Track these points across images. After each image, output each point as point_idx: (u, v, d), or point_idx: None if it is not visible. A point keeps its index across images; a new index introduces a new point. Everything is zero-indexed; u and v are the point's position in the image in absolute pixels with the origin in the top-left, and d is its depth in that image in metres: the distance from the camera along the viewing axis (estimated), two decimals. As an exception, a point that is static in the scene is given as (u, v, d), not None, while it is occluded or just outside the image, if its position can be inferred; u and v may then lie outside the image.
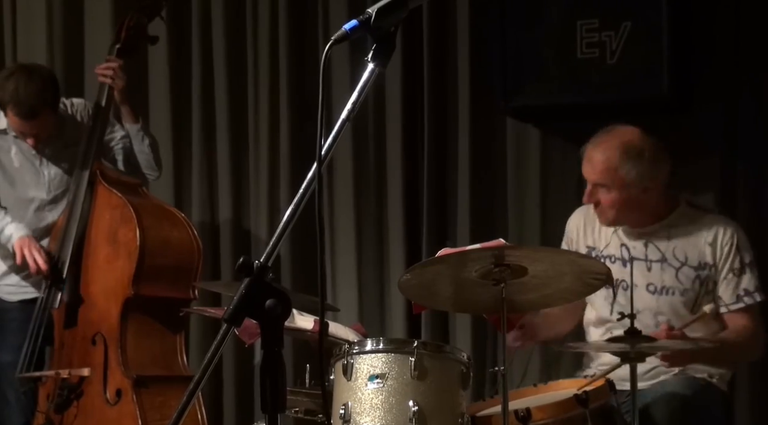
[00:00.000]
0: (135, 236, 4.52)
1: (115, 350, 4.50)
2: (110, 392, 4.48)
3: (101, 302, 4.58)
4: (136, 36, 4.87)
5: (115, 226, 4.60)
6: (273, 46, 5.37)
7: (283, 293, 2.01)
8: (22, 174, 4.79)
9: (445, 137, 5.12)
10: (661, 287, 3.92)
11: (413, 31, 5.09)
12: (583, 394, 3.48)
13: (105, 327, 4.54)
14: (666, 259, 3.93)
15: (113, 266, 4.57)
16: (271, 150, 5.36)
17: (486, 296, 3.49)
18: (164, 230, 4.64)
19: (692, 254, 3.91)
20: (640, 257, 3.95)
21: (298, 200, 2.05)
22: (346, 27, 2.05)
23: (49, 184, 4.79)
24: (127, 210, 4.57)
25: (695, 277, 3.90)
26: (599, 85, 4.59)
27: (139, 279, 4.50)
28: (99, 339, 4.54)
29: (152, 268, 4.53)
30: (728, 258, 3.89)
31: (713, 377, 3.92)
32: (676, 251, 3.93)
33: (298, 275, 5.24)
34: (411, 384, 3.34)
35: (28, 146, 4.77)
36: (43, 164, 4.78)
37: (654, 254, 3.94)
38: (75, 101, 4.91)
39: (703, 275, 3.90)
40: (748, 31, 4.66)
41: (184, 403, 2.07)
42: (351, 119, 2.07)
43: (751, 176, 4.66)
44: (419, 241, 5.10)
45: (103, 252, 4.62)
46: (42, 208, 4.80)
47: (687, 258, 3.91)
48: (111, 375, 4.49)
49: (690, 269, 3.91)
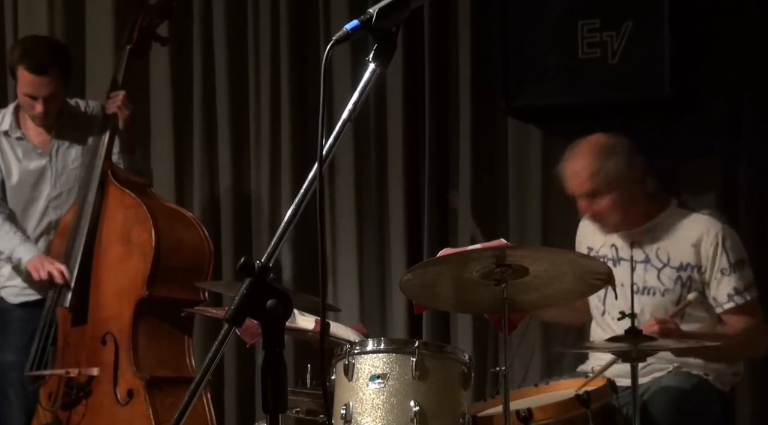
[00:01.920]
0: (150, 236, 4.51)
1: (126, 350, 4.49)
2: (121, 392, 4.47)
3: (112, 301, 4.57)
4: (148, 37, 4.87)
5: (128, 226, 4.59)
6: (274, 46, 5.37)
7: (284, 294, 2.01)
8: (26, 174, 4.79)
9: (446, 137, 5.12)
10: (644, 288, 3.93)
11: (414, 31, 5.09)
12: (584, 394, 3.48)
13: (116, 326, 4.53)
14: (649, 260, 3.95)
15: (126, 266, 4.56)
16: (273, 150, 5.36)
17: (487, 297, 3.49)
18: (177, 231, 4.64)
19: (675, 255, 3.92)
20: (626, 257, 3.96)
21: (299, 201, 2.05)
22: (348, 27, 2.05)
23: (56, 180, 4.79)
24: (141, 211, 4.56)
25: (677, 278, 3.91)
26: (600, 85, 4.59)
27: (153, 280, 4.49)
28: (109, 338, 4.53)
29: (166, 269, 4.53)
30: (715, 259, 3.89)
31: (708, 374, 3.92)
32: (659, 252, 3.94)
33: (300, 276, 5.24)
34: (412, 385, 3.34)
35: (33, 145, 4.77)
36: (53, 159, 4.78)
37: (638, 254, 3.95)
38: (91, 103, 4.93)
39: (684, 277, 3.90)
40: (750, 31, 4.66)
41: (186, 403, 2.07)
42: (352, 119, 2.07)
43: (752, 176, 4.66)
44: (420, 241, 5.10)
45: (116, 252, 4.61)
46: (48, 205, 4.79)
47: (669, 259, 3.92)
48: (122, 375, 4.48)
49: (671, 270, 3.92)
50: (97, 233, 4.65)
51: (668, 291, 3.91)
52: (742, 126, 4.65)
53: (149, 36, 4.88)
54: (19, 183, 4.79)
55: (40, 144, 4.80)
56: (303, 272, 5.25)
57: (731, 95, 4.66)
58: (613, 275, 3.56)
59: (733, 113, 4.66)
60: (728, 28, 4.67)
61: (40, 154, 4.79)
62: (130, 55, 4.82)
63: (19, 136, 4.78)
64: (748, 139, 4.64)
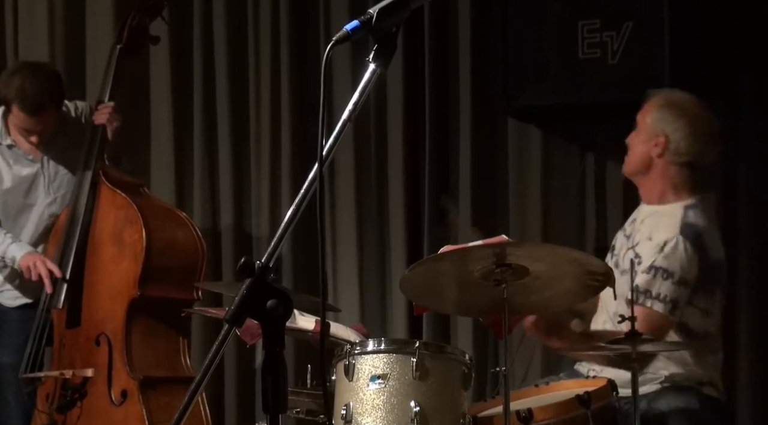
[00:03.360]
0: (141, 237, 4.51)
1: (120, 351, 4.49)
2: (115, 393, 4.48)
3: (106, 302, 4.58)
4: (138, 36, 4.85)
5: (120, 227, 4.60)
6: (274, 46, 5.37)
7: (284, 294, 2.01)
8: (18, 180, 4.77)
9: (446, 137, 5.12)
10: (623, 269, 3.87)
11: (415, 31, 5.09)
12: (584, 395, 3.47)
13: (109, 327, 4.54)
14: (632, 237, 3.93)
15: (119, 267, 4.57)
16: (273, 151, 5.36)
17: (487, 298, 3.48)
18: (169, 231, 4.64)
19: (646, 253, 3.84)
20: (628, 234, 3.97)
21: (300, 201, 2.05)
22: (348, 27, 2.05)
23: (49, 186, 4.78)
24: (132, 211, 4.56)
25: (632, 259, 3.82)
26: (601, 85, 4.59)
27: (145, 280, 4.50)
28: (103, 339, 4.54)
29: (158, 269, 4.53)
30: (656, 256, 3.80)
31: (703, 386, 3.87)
32: (636, 236, 3.92)
33: (300, 276, 5.24)
34: (412, 385, 3.34)
35: (24, 152, 4.76)
36: (44, 165, 4.78)
37: (630, 231, 3.95)
38: (79, 104, 4.90)
39: (636, 262, 3.81)
40: (750, 31, 4.66)
41: (186, 403, 2.07)
42: (352, 120, 2.07)
43: (753, 176, 4.66)
44: (421, 241, 5.10)
45: (108, 253, 4.61)
46: (44, 211, 4.79)
47: (637, 244, 3.88)
48: (116, 376, 4.49)
49: (633, 251, 3.88)
50: (89, 235, 4.65)
51: (625, 272, 3.80)
52: (742, 127, 4.65)
53: (140, 35, 4.85)
54: (11, 189, 4.77)
55: (31, 150, 4.78)
56: (303, 272, 5.25)
57: (731, 96, 4.66)
58: (613, 276, 3.54)
59: (732, 114, 4.66)
60: (728, 29, 4.68)
61: (32, 160, 4.78)
62: (121, 55, 4.80)
63: (10, 144, 4.76)
64: (748, 139, 4.64)
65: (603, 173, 4.87)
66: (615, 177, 4.82)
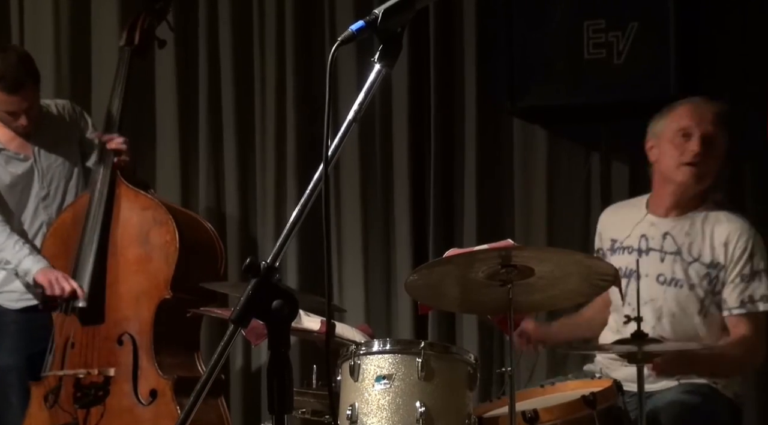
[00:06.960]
0: (174, 238, 4.50)
1: (146, 350, 4.47)
2: (143, 392, 4.45)
3: (130, 302, 4.55)
4: (149, 38, 4.87)
5: (146, 227, 4.57)
6: (280, 47, 5.37)
7: (289, 294, 2.01)
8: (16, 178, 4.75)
9: (451, 137, 5.12)
10: (671, 279, 3.93)
11: (420, 32, 5.09)
12: (590, 395, 3.47)
13: (134, 327, 4.51)
14: (680, 252, 3.95)
15: (146, 267, 4.54)
16: (278, 151, 5.36)
17: (492, 297, 3.49)
18: (194, 232, 4.65)
19: (706, 252, 3.92)
20: (656, 248, 3.97)
21: (305, 201, 2.05)
22: (353, 28, 2.05)
23: (42, 179, 4.78)
24: (161, 212, 4.55)
25: (705, 274, 3.91)
26: (606, 85, 4.59)
27: (177, 281, 4.49)
28: (126, 339, 4.51)
29: (189, 269, 4.53)
30: (738, 262, 3.89)
31: (717, 383, 3.90)
32: (692, 247, 3.94)
33: (305, 276, 5.24)
34: (418, 385, 3.34)
35: (14, 152, 4.75)
36: (37, 160, 4.77)
37: (670, 246, 3.96)
38: (58, 102, 4.92)
39: (713, 274, 3.90)
40: (755, 32, 4.66)
41: (192, 403, 2.07)
42: (358, 120, 2.07)
43: (758, 177, 4.66)
44: (426, 242, 5.10)
45: (133, 253, 4.58)
46: (38, 205, 4.78)
47: (701, 255, 3.93)
48: (142, 375, 4.46)
49: (701, 266, 3.92)
50: (109, 235, 4.64)
51: (694, 286, 3.91)
52: (748, 127, 4.64)
53: (150, 38, 4.87)
54: (11, 185, 4.76)
55: (19, 149, 4.77)
56: (308, 272, 5.25)
57: (736, 96, 4.65)
58: (619, 276, 3.55)
59: (737, 114, 4.65)
60: (733, 29, 4.67)
61: (23, 159, 4.77)
62: (132, 57, 4.81)
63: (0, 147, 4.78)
64: (753, 139, 4.63)
65: (608, 174, 4.87)
66: (621, 177, 4.83)
